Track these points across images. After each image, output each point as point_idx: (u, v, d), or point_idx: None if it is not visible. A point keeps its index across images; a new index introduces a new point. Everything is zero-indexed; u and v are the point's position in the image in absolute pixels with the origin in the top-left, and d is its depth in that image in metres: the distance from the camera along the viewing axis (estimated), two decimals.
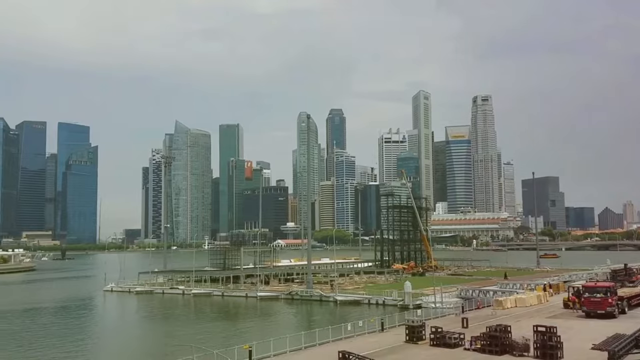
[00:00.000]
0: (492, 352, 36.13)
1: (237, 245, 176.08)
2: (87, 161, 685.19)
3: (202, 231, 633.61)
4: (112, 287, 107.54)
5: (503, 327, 37.39)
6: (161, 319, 75.55)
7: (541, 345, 34.67)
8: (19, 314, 77.47)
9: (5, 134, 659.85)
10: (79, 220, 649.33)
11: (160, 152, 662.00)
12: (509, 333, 37.12)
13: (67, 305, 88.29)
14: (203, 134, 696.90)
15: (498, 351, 36.05)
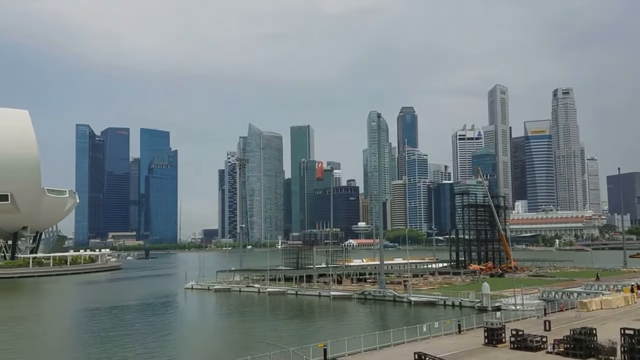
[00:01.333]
0: (577, 356, 34.49)
1: (309, 245, 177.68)
2: (168, 165, 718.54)
3: (275, 231, 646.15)
4: (192, 285, 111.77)
5: (588, 330, 35.47)
6: (238, 316, 77.48)
7: (629, 349, 32.64)
8: (106, 311, 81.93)
9: (92, 140, 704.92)
10: (160, 221, 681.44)
11: (235, 154, 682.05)
12: (595, 336, 35.16)
13: (150, 303, 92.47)
14: (275, 136, 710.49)
15: (582, 355, 34.33)
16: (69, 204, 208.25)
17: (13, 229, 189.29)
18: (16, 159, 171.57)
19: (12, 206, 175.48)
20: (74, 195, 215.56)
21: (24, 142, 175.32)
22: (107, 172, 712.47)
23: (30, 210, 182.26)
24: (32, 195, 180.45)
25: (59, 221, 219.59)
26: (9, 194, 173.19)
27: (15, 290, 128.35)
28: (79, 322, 74.13)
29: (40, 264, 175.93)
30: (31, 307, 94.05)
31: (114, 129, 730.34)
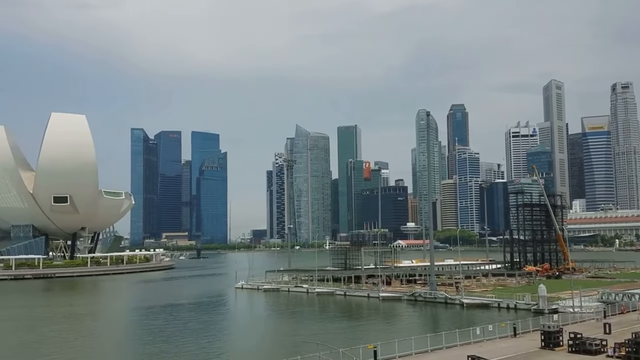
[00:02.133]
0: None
1: (357, 246, 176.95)
2: (218, 166, 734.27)
3: (322, 231, 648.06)
4: (242, 284, 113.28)
5: None
6: (288, 316, 77.79)
7: None
8: (161, 309, 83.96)
9: (146, 143, 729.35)
10: (211, 222, 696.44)
11: (282, 155, 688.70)
12: None
13: (203, 302, 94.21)
14: (322, 136, 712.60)
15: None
16: (124, 205, 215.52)
17: (72, 230, 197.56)
18: (75, 163, 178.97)
19: (71, 208, 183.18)
20: (129, 197, 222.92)
21: (82, 146, 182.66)
22: (160, 174, 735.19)
23: (89, 211, 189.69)
24: (90, 197, 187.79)
25: (115, 222, 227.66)
26: (69, 196, 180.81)
27: (75, 288, 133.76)
28: (135, 320, 76.28)
29: (98, 264, 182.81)
30: (89, 305, 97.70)
31: (167, 132, 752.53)
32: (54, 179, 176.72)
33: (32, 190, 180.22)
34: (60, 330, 65.04)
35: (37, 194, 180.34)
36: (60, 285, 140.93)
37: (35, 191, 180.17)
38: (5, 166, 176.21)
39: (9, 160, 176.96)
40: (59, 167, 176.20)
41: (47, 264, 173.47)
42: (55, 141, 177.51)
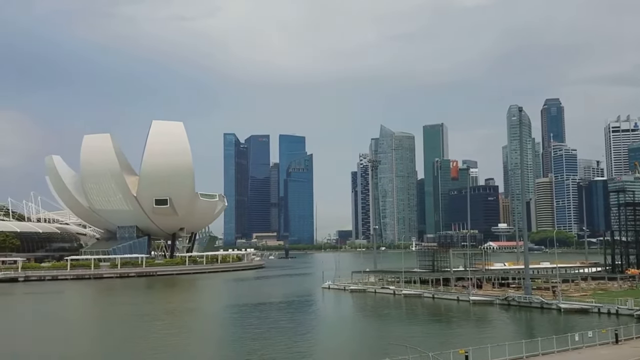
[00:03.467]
0: None
1: (445, 247, 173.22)
2: (304, 168, 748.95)
3: (408, 232, 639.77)
4: (329, 284, 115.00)
5: None
6: (375, 317, 78.14)
7: None
8: (253, 307, 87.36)
9: (237, 147, 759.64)
10: (298, 223, 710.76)
11: (367, 156, 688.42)
12: None
13: (292, 301, 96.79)
14: (407, 136, 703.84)
15: None
16: (218, 207, 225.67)
17: (172, 230, 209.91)
18: (173, 167, 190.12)
19: (171, 210, 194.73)
20: (222, 199, 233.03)
21: (180, 151, 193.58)
22: (250, 177, 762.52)
23: (186, 213, 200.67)
24: (187, 199, 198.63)
25: (210, 223, 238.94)
26: (168, 198, 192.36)
27: (174, 285, 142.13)
28: (230, 317, 79.83)
29: (195, 262, 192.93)
30: (188, 302, 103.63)
31: (256, 136, 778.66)
32: (155, 182, 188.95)
33: (135, 193, 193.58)
34: (163, 326, 69.69)
35: (140, 197, 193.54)
36: (161, 282, 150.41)
37: (139, 194, 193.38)
38: (111, 172, 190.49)
39: (115, 166, 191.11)
40: (159, 171, 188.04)
41: (149, 262, 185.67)
42: (156, 147, 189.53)
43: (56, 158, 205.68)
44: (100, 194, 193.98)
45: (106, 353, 53.93)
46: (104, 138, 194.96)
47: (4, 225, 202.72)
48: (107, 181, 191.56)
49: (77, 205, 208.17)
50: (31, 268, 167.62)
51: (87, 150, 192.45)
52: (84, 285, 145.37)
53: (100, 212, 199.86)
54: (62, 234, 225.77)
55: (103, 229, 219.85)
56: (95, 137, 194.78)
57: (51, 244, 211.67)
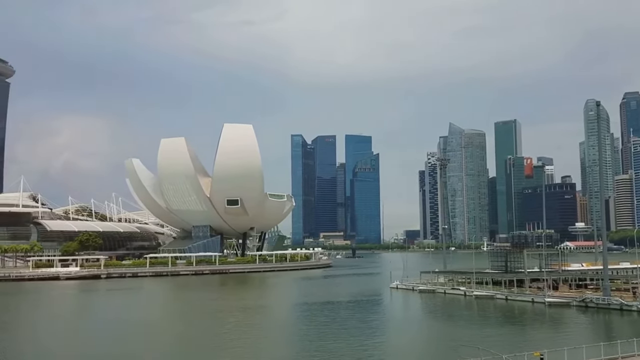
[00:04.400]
0: None
1: (518, 247, 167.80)
2: (370, 168, 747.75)
3: (479, 232, 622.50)
4: (397, 284, 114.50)
5: None
6: (445, 318, 77.26)
7: None
8: (321, 306, 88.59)
9: (304, 148, 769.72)
10: (365, 222, 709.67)
11: (435, 155, 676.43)
12: None
13: (360, 300, 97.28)
14: (477, 133, 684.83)
15: None
16: (286, 206, 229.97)
17: (242, 230, 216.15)
18: (243, 168, 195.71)
19: (241, 210, 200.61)
20: (290, 199, 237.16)
21: (249, 153, 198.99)
22: (317, 177, 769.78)
23: (256, 212, 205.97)
24: (257, 199, 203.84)
25: (279, 222, 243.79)
26: (239, 199, 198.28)
27: (246, 283, 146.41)
28: (299, 315, 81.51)
29: (264, 261, 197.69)
30: (259, 299, 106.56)
31: (323, 136, 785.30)
32: (226, 184, 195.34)
33: (209, 194, 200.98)
34: (236, 323, 72.29)
35: (213, 197, 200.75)
36: (233, 280, 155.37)
37: (212, 195, 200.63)
38: (186, 174, 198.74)
39: (189, 169, 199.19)
40: (230, 173, 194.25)
41: (222, 260, 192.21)
42: (227, 149, 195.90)
43: (135, 161, 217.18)
44: (176, 195, 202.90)
45: (185, 348, 56.72)
46: (179, 142, 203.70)
47: (88, 225, 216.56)
48: (182, 183, 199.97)
49: (155, 206, 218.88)
50: (113, 265, 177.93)
51: (164, 153, 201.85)
52: (161, 282, 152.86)
53: (176, 212, 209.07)
54: (142, 233, 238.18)
55: (179, 229, 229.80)
56: (171, 141, 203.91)
57: (131, 243, 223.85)
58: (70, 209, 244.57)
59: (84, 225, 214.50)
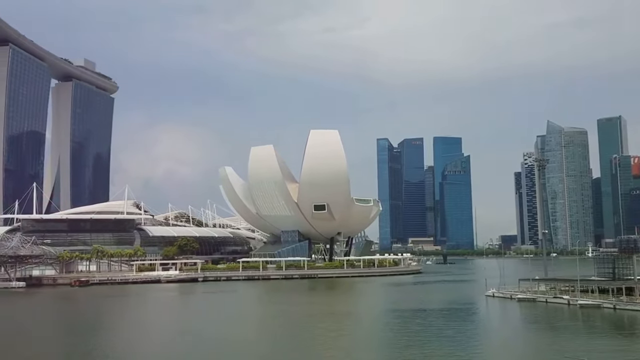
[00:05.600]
0: None
1: (627, 253, 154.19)
2: (461, 171, 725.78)
3: (583, 237, 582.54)
4: (493, 292, 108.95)
5: None
6: (547, 328, 72.01)
7: None
8: (412, 313, 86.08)
9: (390, 152, 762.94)
10: (456, 227, 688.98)
11: (532, 155, 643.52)
12: None
13: (453, 308, 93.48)
14: (579, 131, 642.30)
15: None
16: (373, 211, 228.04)
17: (330, 235, 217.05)
18: (329, 174, 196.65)
19: (328, 215, 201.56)
20: (377, 204, 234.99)
21: (335, 158, 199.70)
22: (404, 181, 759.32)
23: (343, 217, 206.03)
24: (343, 204, 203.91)
25: (366, 227, 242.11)
26: (326, 204, 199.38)
27: (334, 288, 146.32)
28: (389, 322, 79.50)
29: (352, 266, 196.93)
30: (347, 304, 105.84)
31: (410, 139, 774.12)
32: (313, 189, 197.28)
33: (296, 199, 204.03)
34: (325, 329, 71.74)
35: (300, 203, 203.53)
36: (321, 284, 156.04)
37: (299, 201, 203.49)
38: (274, 179, 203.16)
39: (277, 175, 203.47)
40: (317, 178, 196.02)
41: (310, 265, 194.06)
42: (314, 155, 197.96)
43: (228, 169, 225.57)
44: (265, 200, 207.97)
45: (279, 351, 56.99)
46: (268, 149, 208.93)
47: (186, 230, 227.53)
48: (271, 188, 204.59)
49: (247, 212, 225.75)
50: (208, 269, 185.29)
51: (254, 160, 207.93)
52: (254, 285, 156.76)
53: (266, 217, 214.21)
54: (235, 238, 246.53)
55: (269, 234, 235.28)
56: (260, 149, 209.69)
57: (225, 247, 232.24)
58: (170, 216, 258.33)
59: (183, 230, 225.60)
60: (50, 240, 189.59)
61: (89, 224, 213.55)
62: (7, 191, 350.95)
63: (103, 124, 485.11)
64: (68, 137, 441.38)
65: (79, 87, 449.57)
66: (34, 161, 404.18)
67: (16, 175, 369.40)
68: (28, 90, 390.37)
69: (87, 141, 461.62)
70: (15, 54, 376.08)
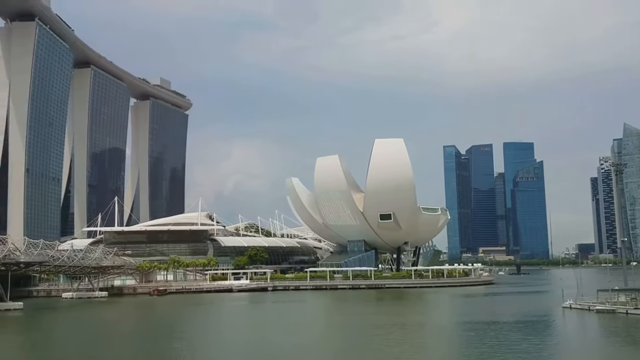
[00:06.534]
0: None
1: None
2: (533, 177, 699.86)
3: None
4: (570, 304, 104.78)
5: None
6: (629, 342, 68.63)
7: None
8: (484, 325, 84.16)
9: (458, 159, 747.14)
10: (529, 236, 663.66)
11: (609, 159, 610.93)
12: None
13: (527, 320, 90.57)
14: None
15: None
16: (441, 220, 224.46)
17: (396, 244, 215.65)
18: (396, 183, 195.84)
19: (394, 224, 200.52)
20: (445, 212, 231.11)
21: (401, 166, 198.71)
22: (473, 189, 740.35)
23: (409, 226, 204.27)
24: (409, 213, 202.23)
25: (433, 236, 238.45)
26: (392, 213, 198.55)
27: (402, 298, 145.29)
28: (461, 334, 78.21)
29: (420, 276, 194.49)
30: (416, 315, 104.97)
31: (478, 146, 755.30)
32: (379, 198, 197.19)
33: (362, 209, 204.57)
34: (394, 340, 71.74)
35: (366, 212, 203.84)
36: (389, 295, 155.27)
37: (365, 210, 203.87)
38: (340, 189, 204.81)
39: (343, 184, 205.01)
40: (382, 187, 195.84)
41: (377, 275, 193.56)
42: (379, 164, 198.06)
43: (294, 180, 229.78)
44: (331, 210, 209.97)
45: None
46: (333, 159, 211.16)
47: (255, 240, 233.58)
48: (337, 198, 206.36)
49: (313, 222, 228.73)
50: (277, 279, 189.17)
51: (320, 170, 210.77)
52: (321, 295, 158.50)
53: (332, 227, 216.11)
54: (302, 247, 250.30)
55: (335, 243, 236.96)
56: (326, 159, 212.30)
57: (293, 257, 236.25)
58: (240, 226, 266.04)
59: (252, 240, 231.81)
60: (131, 251, 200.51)
61: (166, 235, 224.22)
62: (90, 205, 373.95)
63: (178, 140, 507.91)
64: (146, 152, 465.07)
65: (156, 105, 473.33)
66: (116, 176, 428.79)
67: (99, 190, 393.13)
68: (109, 110, 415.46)
69: (164, 156, 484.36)
70: (96, 75, 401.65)
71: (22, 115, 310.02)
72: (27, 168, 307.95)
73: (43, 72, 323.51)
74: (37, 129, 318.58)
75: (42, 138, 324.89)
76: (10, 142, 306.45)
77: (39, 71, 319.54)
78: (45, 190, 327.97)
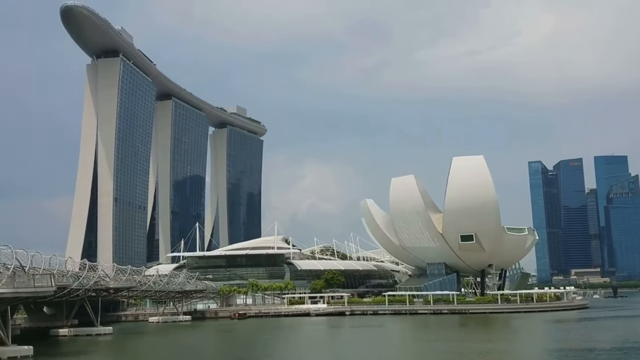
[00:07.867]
0: None
1: None
2: (628, 192, 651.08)
3: None
4: None
5: None
6: None
7: None
8: (578, 353, 77.04)
9: (544, 175, 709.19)
10: (626, 256, 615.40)
11: None
12: None
13: (627, 347, 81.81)
14: None
15: None
16: (528, 241, 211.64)
17: (480, 267, 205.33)
18: (477, 202, 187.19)
19: (477, 245, 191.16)
20: (532, 232, 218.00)
21: (482, 185, 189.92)
22: (563, 207, 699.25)
23: (493, 248, 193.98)
24: (493, 234, 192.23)
25: (520, 258, 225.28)
26: (474, 234, 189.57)
27: (488, 324, 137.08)
28: None
29: (507, 301, 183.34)
30: (503, 342, 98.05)
31: (566, 161, 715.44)
32: (459, 218, 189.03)
33: (441, 230, 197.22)
34: None
35: (445, 233, 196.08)
36: (474, 320, 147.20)
37: (444, 231, 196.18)
38: (417, 210, 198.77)
39: (420, 205, 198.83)
40: (463, 207, 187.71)
41: (460, 299, 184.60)
42: (458, 183, 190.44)
43: (369, 201, 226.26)
44: (408, 232, 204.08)
45: None
46: (408, 179, 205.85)
47: (331, 264, 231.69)
48: (414, 219, 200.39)
49: (389, 244, 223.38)
50: (355, 303, 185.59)
51: (395, 191, 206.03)
52: (401, 320, 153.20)
53: (409, 249, 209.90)
54: (379, 271, 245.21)
55: (414, 266, 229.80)
56: (401, 179, 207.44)
57: (370, 280, 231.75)
58: (316, 249, 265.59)
59: (328, 264, 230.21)
60: (212, 275, 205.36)
61: (244, 259, 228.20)
62: (174, 232, 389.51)
63: (254, 165, 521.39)
64: (224, 179, 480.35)
65: (233, 133, 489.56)
66: (196, 203, 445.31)
67: (181, 216, 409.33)
68: (189, 139, 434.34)
69: (241, 182, 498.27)
70: (177, 106, 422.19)
71: (110, 147, 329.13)
72: (116, 197, 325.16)
73: (128, 105, 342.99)
74: (123, 160, 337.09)
75: (129, 168, 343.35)
76: (99, 172, 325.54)
77: (124, 104, 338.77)
78: (132, 218, 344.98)
